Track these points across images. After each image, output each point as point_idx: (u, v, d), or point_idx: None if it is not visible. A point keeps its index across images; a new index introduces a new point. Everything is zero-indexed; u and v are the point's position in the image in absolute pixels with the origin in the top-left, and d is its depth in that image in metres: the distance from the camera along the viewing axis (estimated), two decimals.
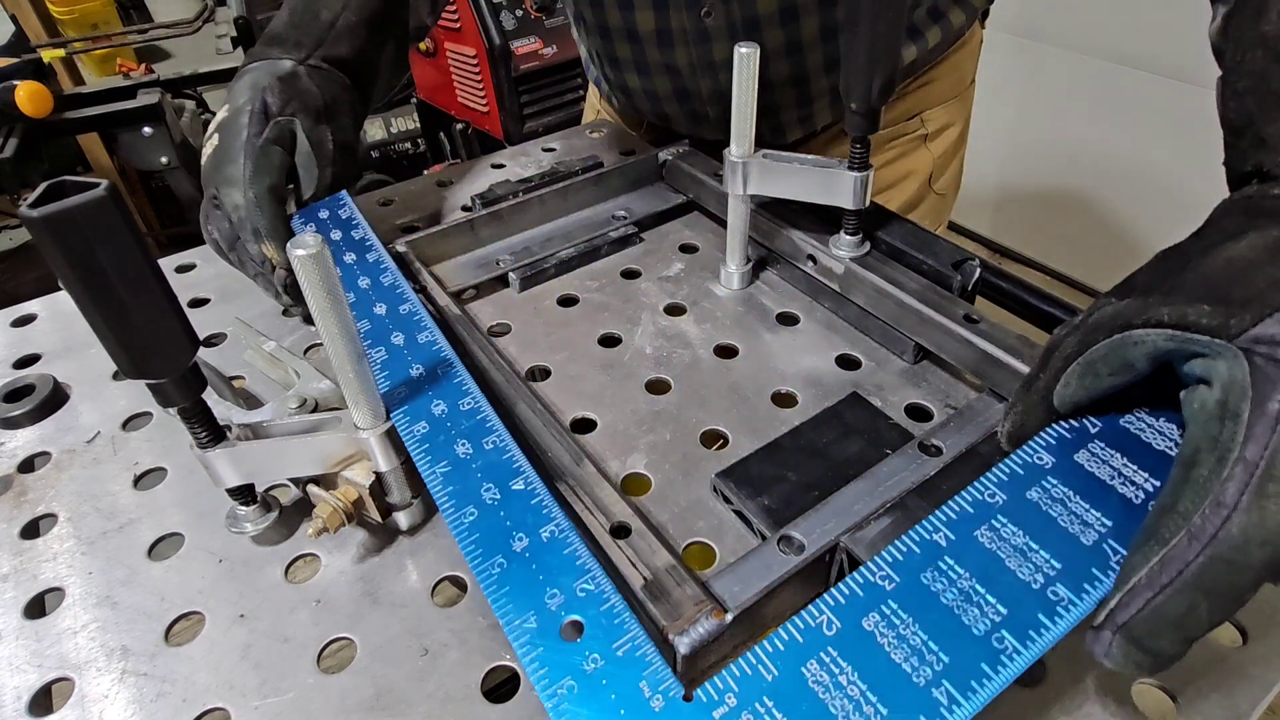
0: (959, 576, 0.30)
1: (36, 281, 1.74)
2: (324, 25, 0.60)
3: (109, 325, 0.31)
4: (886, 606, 0.29)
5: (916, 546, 0.31)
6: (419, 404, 0.41)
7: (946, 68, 0.81)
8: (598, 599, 0.32)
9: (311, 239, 0.32)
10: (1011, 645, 0.28)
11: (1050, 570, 0.30)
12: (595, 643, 0.30)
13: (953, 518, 0.32)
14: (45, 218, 0.28)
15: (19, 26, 2.34)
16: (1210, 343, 0.29)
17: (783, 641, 0.29)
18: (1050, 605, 0.29)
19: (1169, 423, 0.34)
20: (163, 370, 0.34)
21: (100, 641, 0.38)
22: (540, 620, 0.31)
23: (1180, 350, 0.30)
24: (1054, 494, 0.32)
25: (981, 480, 0.33)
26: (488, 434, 0.39)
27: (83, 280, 0.30)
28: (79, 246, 0.29)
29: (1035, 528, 0.31)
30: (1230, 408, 0.28)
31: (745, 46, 0.49)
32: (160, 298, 0.32)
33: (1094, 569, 0.30)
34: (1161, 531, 0.28)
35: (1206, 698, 0.34)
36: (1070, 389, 0.34)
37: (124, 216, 0.30)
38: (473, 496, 0.36)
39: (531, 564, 0.33)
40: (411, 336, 0.45)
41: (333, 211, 0.56)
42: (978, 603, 0.29)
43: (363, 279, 0.50)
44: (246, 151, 0.53)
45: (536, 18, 1.70)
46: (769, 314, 0.58)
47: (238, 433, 0.40)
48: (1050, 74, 2.00)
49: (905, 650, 0.28)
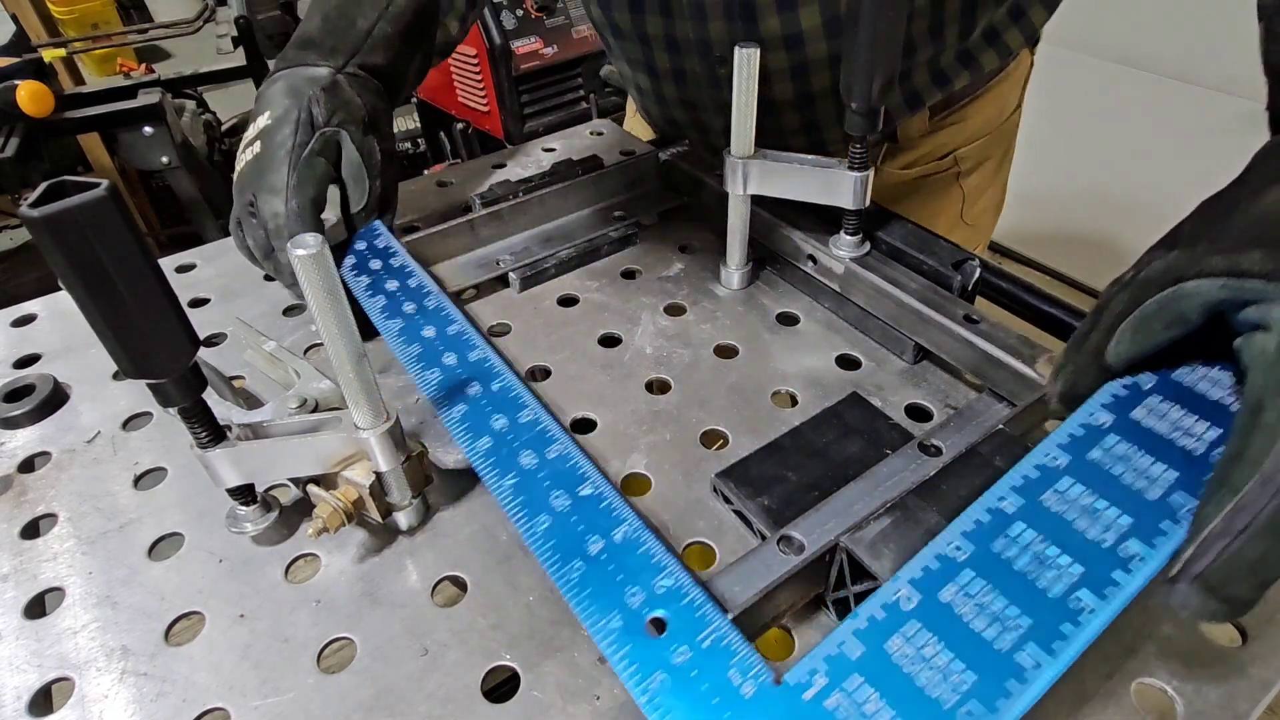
0: (1031, 541, 0.30)
1: (36, 281, 1.75)
2: (360, 33, 0.59)
3: (109, 325, 0.31)
4: (962, 577, 0.30)
5: (986, 515, 0.32)
6: (479, 420, 0.41)
7: (986, 101, 0.76)
8: (678, 594, 0.32)
9: (311, 239, 0.32)
10: (1089, 603, 0.28)
11: (1121, 527, 0.30)
12: (681, 636, 0.31)
13: (1018, 484, 0.32)
14: (45, 218, 0.28)
15: (20, 26, 2.34)
16: (1266, 288, 0.29)
17: (866, 620, 0.29)
18: (1124, 561, 0.29)
19: (1223, 371, 0.34)
20: (163, 370, 0.34)
21: (100, 641, 0.38)
22: (625, 619, 0.31)
23: (1234, 299, 0.30)
24: (1115, 452, 0.32)
25: (1042, 446, 0.33)
26: (550, 443, 0.40)
27: (83, 280, 0.30)
28: (79, 246, 0.29)
29: (1101, 486, 0.31)
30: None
31: (746, 47, 0.49)
32: (160, 298, 0.32)
33: (1163, 522, 0.30)
34: (1233, 479, 0.27)
35: (1206, 698, 0.34)
36: (1124, 346, 0.33)
37: (124, 216, 0.30)
38: (543, 505, 0.37)
39: (609, 565, 0.34)
40: (463, 355, 0.46)
41: (370, 242, 0.56)
42: (1052, 565, 0.29)
43: (408, 304, 0.51)
44: (291, 161, 0.52)
45: (537, 17, 1.70)
46: (769, 314, 0.58)
47: (238, 433, 0.40)
48: (1050, 74, 2.00)
49: (985, 618, 0.29)
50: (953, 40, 0.69)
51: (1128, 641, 0.36)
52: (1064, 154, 2.05)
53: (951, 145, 0.78)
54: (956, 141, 0.78)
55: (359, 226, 0.57)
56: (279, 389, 0.49)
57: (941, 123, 0.76)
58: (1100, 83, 1.92)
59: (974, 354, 0.48)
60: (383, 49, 0.60)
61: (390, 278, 0.53)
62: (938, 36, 0.68)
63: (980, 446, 0.40)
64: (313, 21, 0.60)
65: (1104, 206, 2.05)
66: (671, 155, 0.70)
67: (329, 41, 0.58)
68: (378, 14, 0.60)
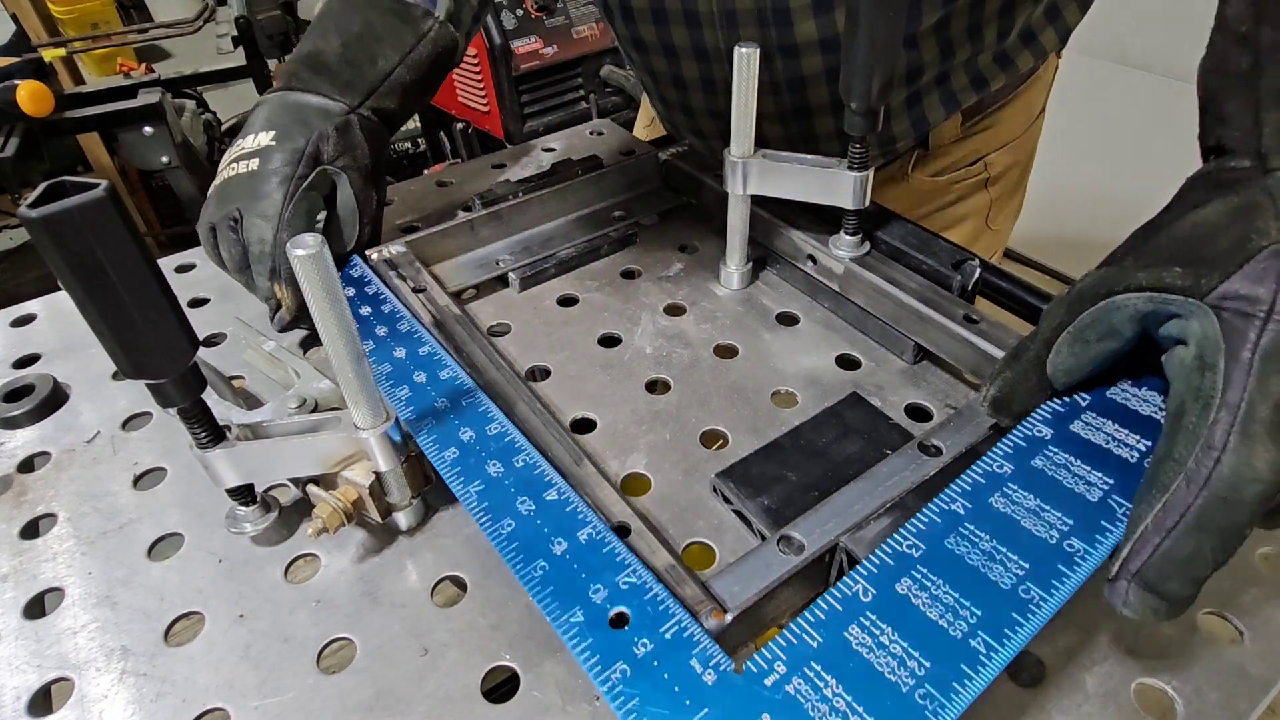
0: (981, 539, 0.32)
1: (36, 281, 1.74)
2: (380, 74, 0.58)
3: (108, 325, 0.31)
4: (917, 571, 0.32)
5: (937, 516, 0.34)
6: (446, 431, 0.43)
7: (1016, 106, 0.76)
8: (641, 590, 0.34)
9: (312, 239, 0.32)
10: (1037, 594, 0.30)
11: (1064, 526, 0.32)
12: (642, 630, 0.32)
13: (966, 489, 0.34)
14: (44, 218, 0.28)
15: (20, 26, 2.34)
16: (1184, 302, 0.31)
17: (823, 611, 0.31)
18: (1068, 556, 0.31)
19: (1151, 390, 0.38)
20: (162, 370, 0.34)
21: (100, 641, 0.38)
22: (586, 614, 0.33)
23: (1158, 312, 0.33)
24: (1056, 460, 0.35)
25: (988, 455, 0.36)
26: (517, 453, 0.41)
27: (82, 280, 0.30)
28: (78, 247, 0.29)
29: (1044, 491, 0.34)
30: (1207, 360, 0.30)
31: (746, 47, 0.49)
32: (160, 298, 0.32)
33: (1103, 521, 0.32)
34: (1161, 479, 0.30)
35: (1206, 698, 0.34)
36: (1061, 357, 0.36)
37: (123, 217, 0.30)
38: (508, 510, 0.38)
39: (573, 564, 0.35)
40: (433, 374, 0.47)
41: (345, 272, 0.57)
42: (1001, 560, 0.32)
43: (380, 328, 0.51)
44: (289, 192, 0.52)
45: (537, 17, 1.69)
46: (769, 314, 0.58)
47: (238, 433, 0.40)
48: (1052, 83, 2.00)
49: (940, 608, 0.31)
50: (991, 41, 0.69)
51: (1128, 642, 0.36)
52: (1070, 157, 2.05)
53: (982, 151, 0.77)
54: (988, 147, 0.77)
55: (341, 264, 0.57)
56: (279, 389, 0.49)
57: (973, 128, 0.75)
58: (1106, 85, 1.92)
59: (974, 354, 0.48)
60: (398, 94, 0.59)
61: (364, 304, 0.54)
62: (976, 37, 0.67)
63: (980, 446, 0.40)
64: (329, 43, 0.58)
65: (1109, 210, 2.05)
66: (671, 155, 0.70)
67: (346, 74, 0.57)
68: (399, 58, 0.58)
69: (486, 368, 0.49)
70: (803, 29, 0.64)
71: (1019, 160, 0.81)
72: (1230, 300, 0.31)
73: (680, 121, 0.80)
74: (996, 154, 0.78)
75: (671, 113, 0.80)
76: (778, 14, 0.63)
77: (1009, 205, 0.85)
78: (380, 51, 0.58)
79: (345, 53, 0.57)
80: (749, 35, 0.65)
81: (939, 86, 0.70)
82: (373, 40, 0.58)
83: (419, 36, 0.59)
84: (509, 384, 0.47)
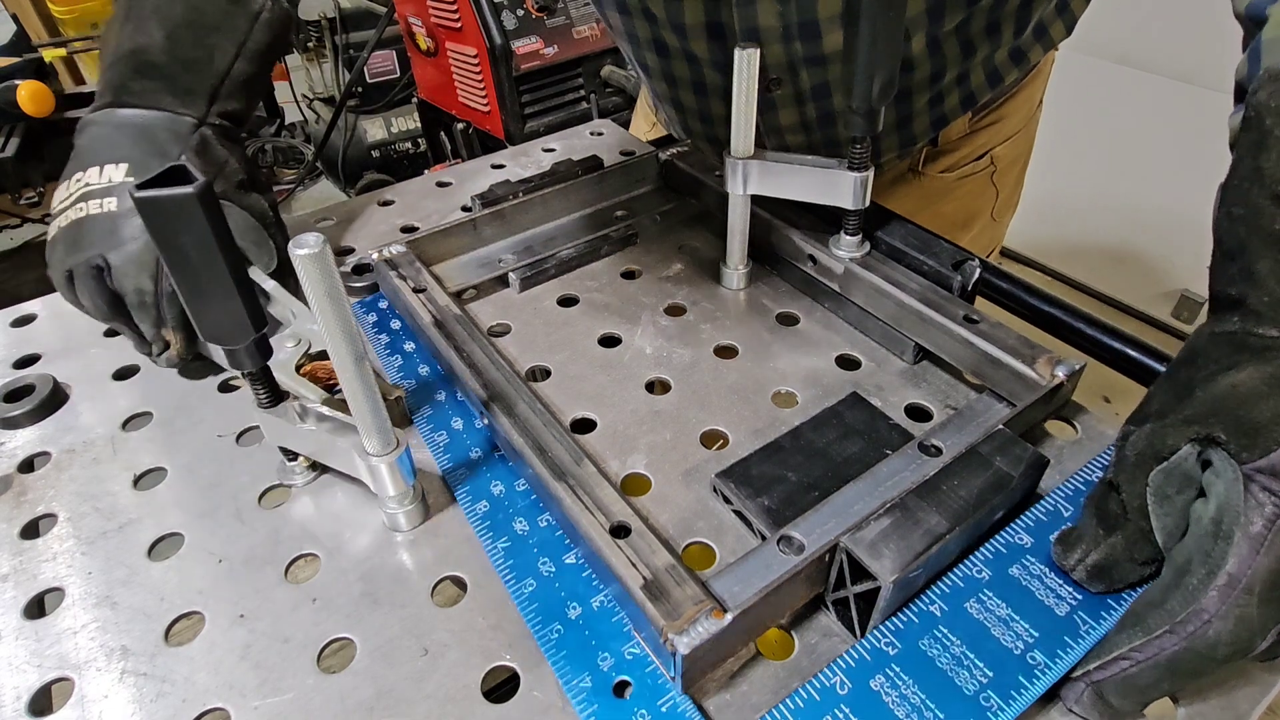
0: (952, 643, 0.34)
1: (36, 281, 1.74)
2: (218, 73, 0.51)
3: (185, 295, 0.35)
4: (891, 669, 0.34)
5: (915, 616, 0.35)
6: (479, 484, 0.45)
7: (1019, 100, 0.76)
8: (643, 661, 0.36)
9: (312, 239, 0.32)
10: (997, 703, 0.32)
11: (1029, 638, 0.34)
12: (642, 700, 0.34)
13: (946, 591, 0.36)
14: (140, 199, 0.32)
15: (20, 26, 2.34)
16: (1225, 459, 0.32)
17: (802, 700, 0.33)
18: (1029, 669, 0.33)
19: None
20: (228, 340, 0.37)
21: (100, 641, 0.38)
22: (594, 680, 0.35)
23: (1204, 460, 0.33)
24: (1032, 570, 0.36)
25: (971, 558, 0.37)
26: (541, 512, 0.43)
27: (167, 255, 0.34)
28: (165, 229, 0.33)
29: (1017, 600, 0.35)
30: (1224, 528, 0.31)
31: (746, 48, 0.49)
32: (230, 285, 0.35)
33: (1066, 637, 0.34)
34: (1148, 622, 0.32)
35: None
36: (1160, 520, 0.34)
37: (208, 214, 0.33)
38: (531, 569, 0.40)
39: (584, 630, 0.37)
40: (469, 421, 0.49)
41: (374, 308, 0.59)
42: (968, 666, 0.33)
43: (422, 367, 0.53)
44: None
45: (538, 17, 1.69)
46: (769, 314, 0.58)
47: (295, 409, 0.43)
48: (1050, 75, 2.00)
49: (906, 708, 0.32)
50: (1008, 37, 0.69)
51: None
52: (1070, 158, 2.05)
53: (989, 145, 0.78)
54: (994, 141, 0.77)
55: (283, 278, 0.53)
56: (275, 324, 0.48)
57: (980, 123, 0.76)
58: (1106, 85, 1.92)
59: (974, 354, 0.48)
60: (242, 93, 0.53)
61: (409, 339, 0.55)
62: (995, 34, 0.67)
63: (980, 446, 0.40)
64: (151, 36, 0.50)
65: (1108, 210, 2.05)
66: (671, 155, 0.70)
67: (182, 79, 0.50)
68: (235, 49, 0.52)
69: (487, 368, 0.49)
70: (830, 39, 0.63)
71: (1021, 153, 0.82)
72: (1263, 475, 0.30)
73: (696, 128, 0.80)
74: (1001, 147, 0.78)
75: (688, 118, 0.80)
76: (804, 28, 0.62)
77: (1011, 197, 0.85)
78: (215, 43, 0.51)
79: (174, 48, 0.50)
80: (773, 51, 0.64)
81: (959, 86, 0.70)
82: (202, 30, 0.51)
83: (252, 19, 0.53)
84: (509, 384, 0.47)
